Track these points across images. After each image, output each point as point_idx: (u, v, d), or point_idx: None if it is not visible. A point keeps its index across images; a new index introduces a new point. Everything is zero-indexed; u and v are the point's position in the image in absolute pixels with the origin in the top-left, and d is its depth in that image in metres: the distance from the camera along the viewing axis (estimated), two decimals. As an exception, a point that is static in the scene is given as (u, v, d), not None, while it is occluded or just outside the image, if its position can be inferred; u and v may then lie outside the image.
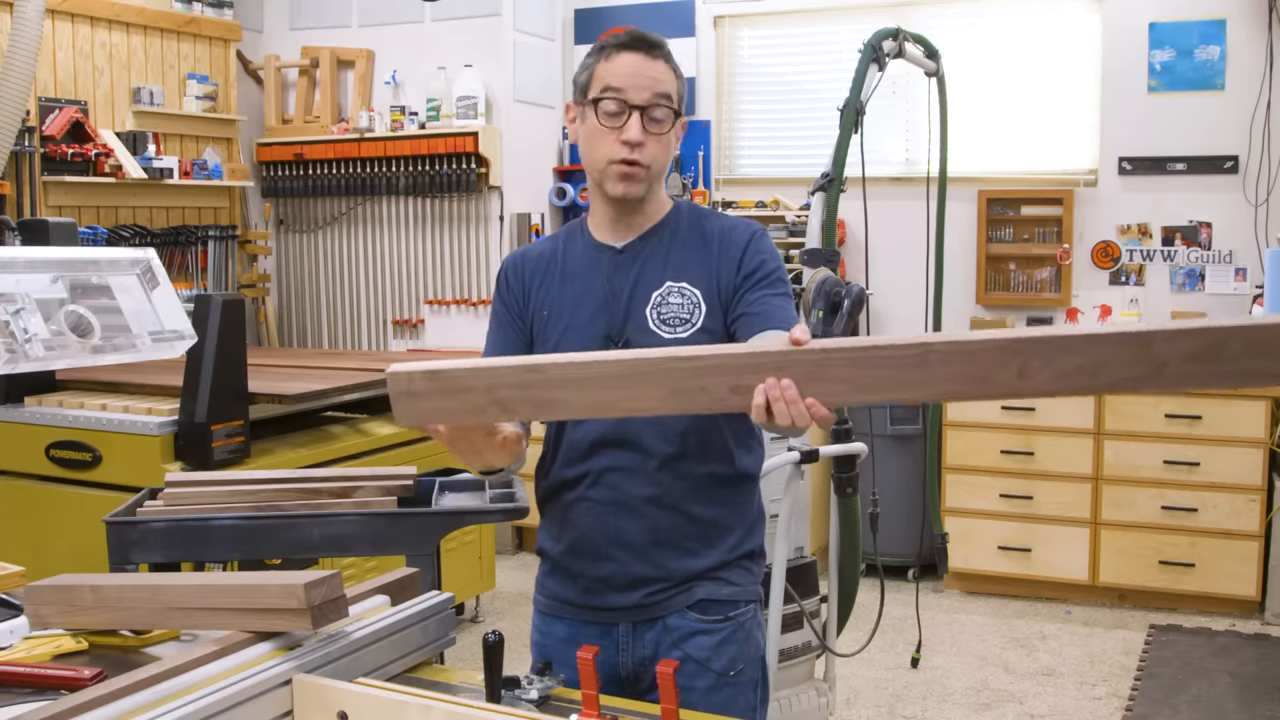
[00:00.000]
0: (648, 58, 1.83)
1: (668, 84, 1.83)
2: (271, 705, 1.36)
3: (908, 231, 4.60)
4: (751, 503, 1.93)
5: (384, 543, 2.60)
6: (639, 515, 1.82)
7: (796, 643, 3.28)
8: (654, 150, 1.82)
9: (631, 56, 1.83)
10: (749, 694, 1.88)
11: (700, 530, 1.84)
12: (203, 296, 3.49)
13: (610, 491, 1.83)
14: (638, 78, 1.81)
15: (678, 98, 1.85)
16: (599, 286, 1.87)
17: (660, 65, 1.84)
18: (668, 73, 1.84)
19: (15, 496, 3.73)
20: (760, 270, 1.84)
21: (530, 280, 1.92)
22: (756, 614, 1.92)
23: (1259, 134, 5.07)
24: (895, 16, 5.12)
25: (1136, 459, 4.76)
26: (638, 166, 1.81)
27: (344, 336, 6.00)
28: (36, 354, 2.50)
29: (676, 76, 1.86)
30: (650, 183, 1.85)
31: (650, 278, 1.85)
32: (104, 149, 4.91)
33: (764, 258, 1.85)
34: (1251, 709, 3.83)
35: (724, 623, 1.85)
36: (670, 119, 1.83)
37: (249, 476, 2.77)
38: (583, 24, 6.09)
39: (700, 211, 1.94)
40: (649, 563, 1.83)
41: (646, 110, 1.80)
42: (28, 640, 1.66)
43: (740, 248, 1.85)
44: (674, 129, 1.85)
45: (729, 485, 1.87)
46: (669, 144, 1.85)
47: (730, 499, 1.88)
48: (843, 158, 3.23)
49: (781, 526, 3.14)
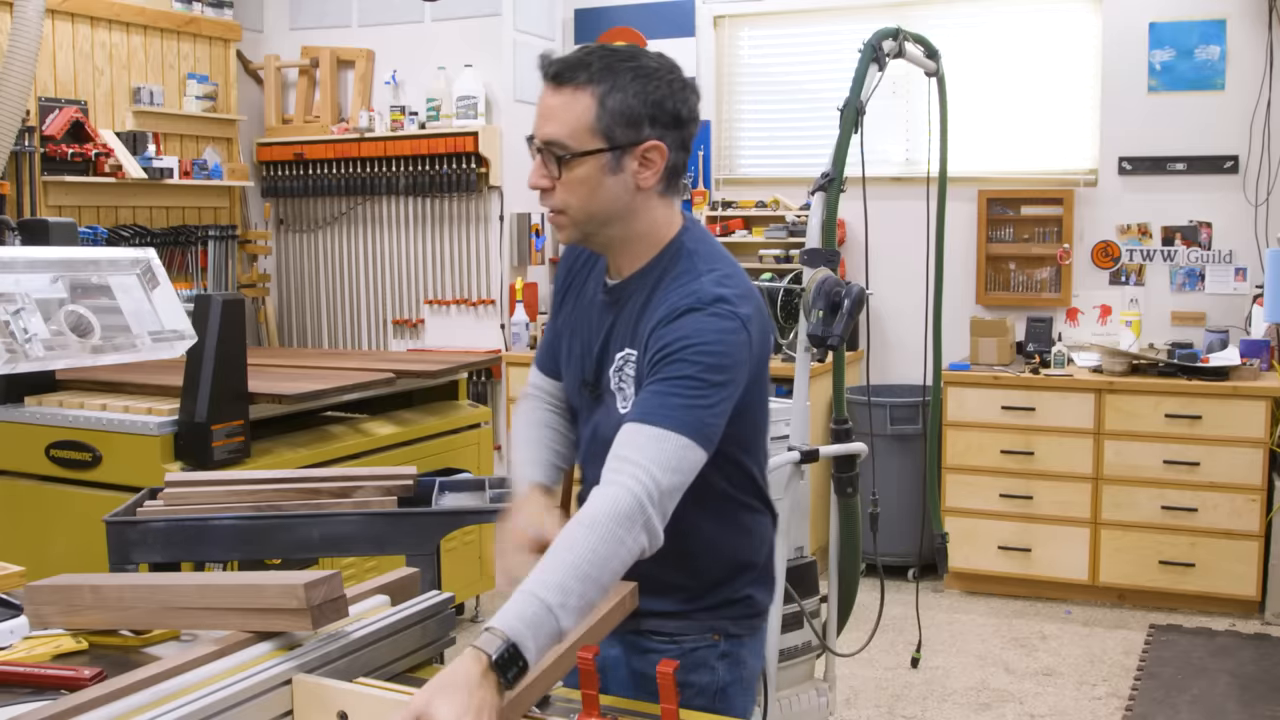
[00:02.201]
0: (552, 89, 1.59)
1: (561, 122, 1.57)
2: (271, 705, 1.36)
3: (908, 231, 4.60)
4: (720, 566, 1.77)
5: (384, 543, 2.60)
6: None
7: (796, 643, 3.28)
8: (563, 195, 1.60)
9: (544, 89, 1.61)
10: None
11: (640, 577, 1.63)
12: (203, 296, 3.49)
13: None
14: (539, 115, 1.60)
15: (593, 131, 1.57)
16: (588, 324, 1.75)
17: (564, 96, 1.58)
18: (577, 104, 1.57)
19: (15, 496, 3.73)
20: (667, 350, 1.57)
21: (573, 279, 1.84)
22: (719, 645, 1.78)
23: (1259, 134, 5.07)
24: (895, 16, 5.11)
25: (1136, 459, 4.76)
26: (555, 214, 1.64)
27: (344, 336, 6.00)
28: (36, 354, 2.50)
29: (600, 102, 1.57)
30: (581, 228, 1.64)
31: (621, 334, 1.69)
32: (104, 149, 4.91)
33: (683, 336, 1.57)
34: (1251, 709, 3.83)
35: (672, 646, 1.76)
36: (567, 162, 1.57)
37: (249, 476, 2.77)
38: (583, 24, 6.09)
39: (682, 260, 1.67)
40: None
41: (545, 151, 1.60)
42: (28, 640, 1.66)
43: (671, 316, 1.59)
44: (601, 167, 1.58)
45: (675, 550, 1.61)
46: (584, 187, 1.59)
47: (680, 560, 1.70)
48: (843, 158, 3.23)
49: (781, 527, 3.14)
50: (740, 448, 1.73)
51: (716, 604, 1.79)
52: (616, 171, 1.60)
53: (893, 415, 5.14)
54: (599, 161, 1.58)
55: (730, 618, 1.80)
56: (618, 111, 1.57)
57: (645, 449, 1.51)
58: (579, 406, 1.81)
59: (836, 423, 3.33)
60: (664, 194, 1.68)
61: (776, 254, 5.63)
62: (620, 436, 1.55)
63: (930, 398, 3.90)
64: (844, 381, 3.43)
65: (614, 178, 1.60)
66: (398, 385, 4.21)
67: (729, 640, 1.80)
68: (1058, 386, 4.86)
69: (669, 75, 1.63)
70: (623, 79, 1.58)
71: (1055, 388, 4.86)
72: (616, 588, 1.60)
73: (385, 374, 4.11)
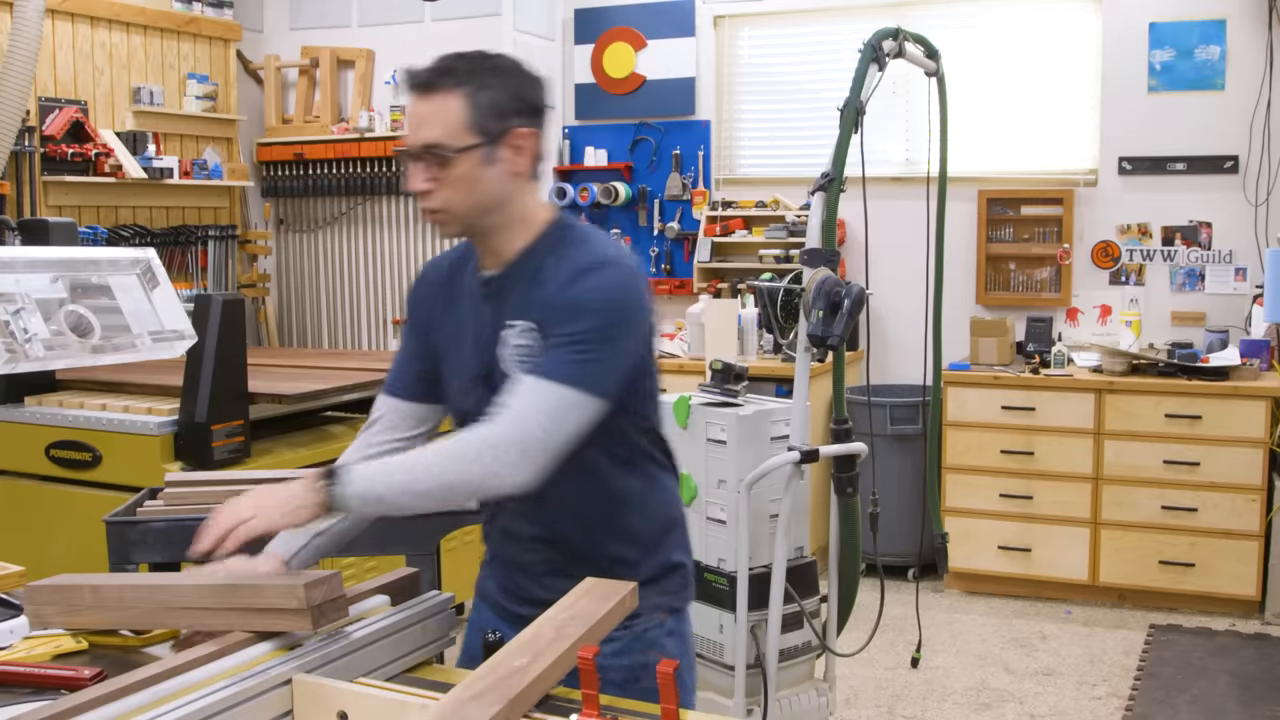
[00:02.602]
0: (418, 98, 1.70)
1: (438, 126, 1.67)
2: (271, 705, 1.36)
3: (908, 231, 4.60)
4: (649, 524, 1.86)
5: (384, 543, 2.60)
6: (530, 549, 1.86)
7: (796, 643, 3.28)
8: (444, 194, 1.70)
9: (411, 100, 1.71)
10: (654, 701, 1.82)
11: (587, 563, 1.79)
12: (203, 296, 3.49)
13: (505, 522, 1.88)
14: (411, 125, 1.71)
15: (467, 127, 1.67)
16: (471, 320, 1.82)
17: (431, 102, 1.68)
18: (446, 106, 1.67)
19: (15, 496, 3.73)
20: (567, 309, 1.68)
21: (433, 298, 1.89)
22: (666, 622, 1.86)
23: (1259, 134, 5.07)
24: (895, 16, 5.11)
25: (1136, 459, 4.76)
26: (435, 213, 1.73)
27: (344, 336, 6.00)
28: (36, 354, 2.50)
29: (468, 99, 1.67)
30: (462, 222, 1.74)
31: (505, 314, 1.76)
32: (104, 149, 4.91)
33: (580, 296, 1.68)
34: (1251, 709, 3.83)
35: (623, 632, 1.80)
36: (446, 162, 1.68)
37: (249, 476, 2.77)
38: (582, 24, 6.09)
39: (568, 236, 1.78)
40: (547, 588, 1.82)
41: (419, 159, 1.70)
42: (28, 640, 1.66)
43: (568, 281, 1.70)
44: (478, 161, 1.69)
45: (607, 514, 1.81)
46: (464, 182, 1.69)
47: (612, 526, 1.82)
48: (843, 158, 3.23)
49: (781, 526, 3.14)
50: (642, 399, 1.81)
51: (656, 573, 1.85)
52: (492, 162, 1.71)
53: (893, 415, 5.14)
54: (475, 156, 1.69)
55: (671, 590, 1.88)
56: (487, 107, 1.69)
57: (524, 396, 1.64)
58: (470, 409, 1.80)
59: (836, 423, 3.33)
60: (531, 179, 1.79)
61: (776, 254, 5.63)
62: (513, 389, 1.66)
63: (930, 398, 3.90)
64: (844, 381, 3.43)
65: (490, 169, 1.71)
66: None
67: (675, 616, 1.88)
68: (1058, 386, 4.86)
69: (522, 70, 1.75)
70: (486, 78, 1.70)
71: (1055, 388, 4.87)
72: (615, 588, 1.60)
73: (385, 374, 4.10)
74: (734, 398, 3.33)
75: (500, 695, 1.30)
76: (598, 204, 5.99)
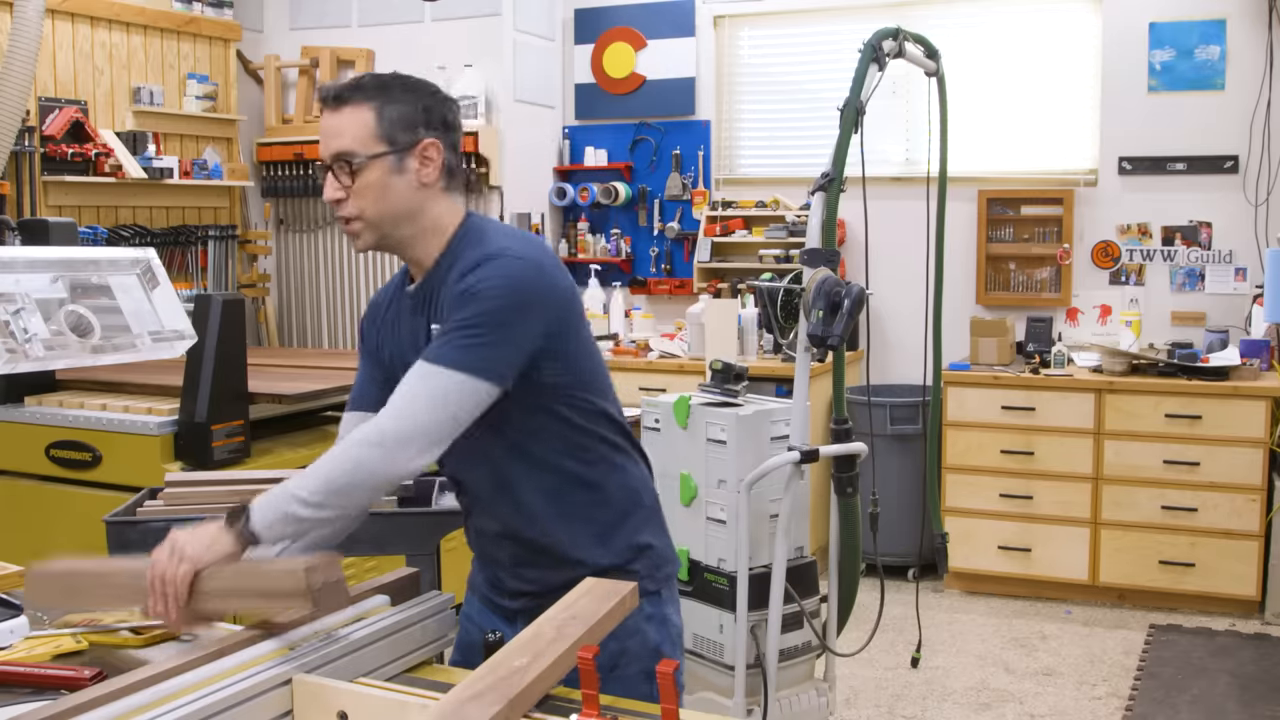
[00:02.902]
0: (330, 112, 1.78)
1: (347, 136, 1.75)
2: (271, 705, 1.36)
3: (908, 231, 4.60)
4: (605, 509, 1.89)
5: (384, 543, 2.60)
6: (497, 544, 1.91)
7: (796, 643, 3.28)
8: (358, 202, 1.76)
9: (324, 115, 1.79)
10: (639, 686, 1.81)
11: (549, 554, 1.85)
12: (203, 296, 3.49)
13: (474, 520, 1.94)
14: (324, 136, 1.78)
15: (376, 137, 1.75)
16: (407, 333, 1.87)
17: (340, 116, 1.76)
18: (355, 118, 1.75)
19: (15, 496, 3.73)
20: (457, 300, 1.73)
21: (380, 329, 1.94)
22: (643, 607, 1.86)
23: (1259, 134, 5.07)
24: (895, 16, 5.11)
25: (1136, 459, 4.76)
26: (349, 222, 1.78)
27: (344, 336, 6.00)
28: (36, 354, 2.50)
29: (376, 113, 1.75)
30: (375, 230, 1.79)
31: (430, 320, 1.82)
32: (104, 149, 4.91)
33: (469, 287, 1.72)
34: (1251, 709, 3.83)
35: None
36: (359, 169, 1.74)
37: (249, 476, 2.78)
38: (583, 24, 6.09)
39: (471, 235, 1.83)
40: (520, 579, 1.90)
41: (331, 169, 1.76)
42: (28, 640, 1.66)
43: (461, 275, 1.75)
44: (389, 168, 1.75)
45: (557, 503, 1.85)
46: (376, 189, 1.76)
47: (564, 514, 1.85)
48: (843, 158, 3.23)
49: (781, 526, 3.14)
50: (582, 385, 1.84)
51: (623, 558, 1.88)
52: (401, 172, 1.77)
53: (893, 415, 5.14)
54: (384, 164, 1.75)
55: (644, 573, 1.89)
56: (395, 119, 1.76)
57: (409, 383, 1.69)
58: None
59: (836, 423, 3.33)
60: (446, 189, 1.84)
61: (776, 254, 5.63)
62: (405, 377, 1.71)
63: (930, 398, 3.90)
64: (844, 381, 3.43)
65: (400, 178, 1.77)
66: (398, 385, 4.20)
67: (650, 599, 1.90)
68: (1058, 386, 4.86)
69: (432, 88, 1.84)
70: (394, 92, 1.78)
71: (1055, 388, 4.87)
72: (616, 588, 1.60)
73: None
74: (734, 398, 3.33)
75: (500, 695, 1.30)
76: (598, 204, 5.99)
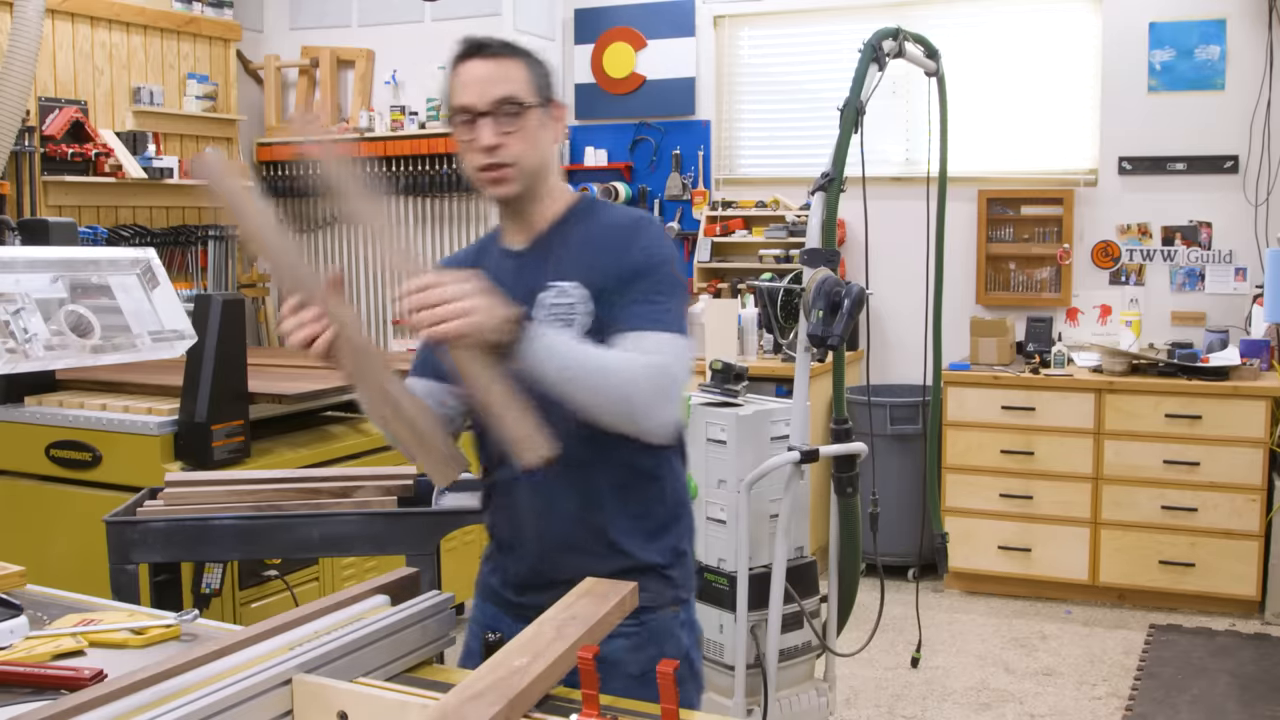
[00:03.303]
0: (485, 60, 1.81)
1: (511, 82, 1.80)
2: (271, 705, 1.36)
3: (908, 231, 4.60)
4: (660, 505, 1.90)
5: (384, 543, 2.60)
6: (550, 521, 1.88)
7: (796, 643, 3.29)
8: (516, 147, 1.80)
9: (471, 64, 1.82)
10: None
11: (601, 539, 1.85)
12: (203, 296, 3.49)
13: (521, 496, 1.89)
14: (479, 85, 1.79)
15: (531, 89, 1.81)
16: (503, 295, 1.85)
17: (499, 64, 1.81)
18: (512, 69, 1.81)
19: (15, 496, 3.73)
20: (634, 269, 1.79)
21: None
22: (679, 614, 1.91)
23: (1259, 134, 5.07)
24: (895, 16, 5.11)
25: (1136, 459, 4.76)
26: (502, 167, 1.80)
27: (344, 336, 6.00)
28: (36, 354, 2.50)
29: (528, 68, 1.82)
30: (526, 179, 1.83)
31: (539, 280, 1.84)
32: (104, 149, 4.91)
33: (642, 256, 1.80)
34: (1251, 709, 3.83)
35: (638, 627, 1.84)
36: (521, 114, 1.79)
37: (249, 476, 2.77)
38: (583, 24, 6.09)
39: (597, 205, 1.92)
40: (562, 567, 1.85)
41: (494, 113, 1.78)
42: (28, 640, 1.66)
43: (622, 243, 1.81)
44: (540, 120, 1.82)
45: (630, 491, 1.86)
46: (534, 137, 1.81)
47: (633, 505, 1.87)
48: (843, 157, 3.23)
49: (781, 526, 3.14)
50: None
51: (667, 560, 1.88)
52: (547, 126, 1.84)
53: (893, 415, 5.14)
54: (539, 115, 1.82)
55: (680, 581, 1.91)
56: (539, 75, 1.83)
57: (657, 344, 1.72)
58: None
59: (836, 423, 3.33)
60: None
61: (776, 254, 5.64)
62: (628, 341, 1.73)
63: (930, 398, 3.90)
64: (844, 381, 3.43)
65: (546, 132, 1.84)
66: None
67: (684, 607, 1.92)
68: (1058, 386, 4.86)
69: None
70: (532, 54, 1.85)
71: (1055, 388, 4.87)
72: (615, 588, 1.60)
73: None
74: (734, 398, 3.33)
75: (500, 695, 1.30)
76: (598, 204, 5.99)
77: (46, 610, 1.79)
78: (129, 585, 2.49)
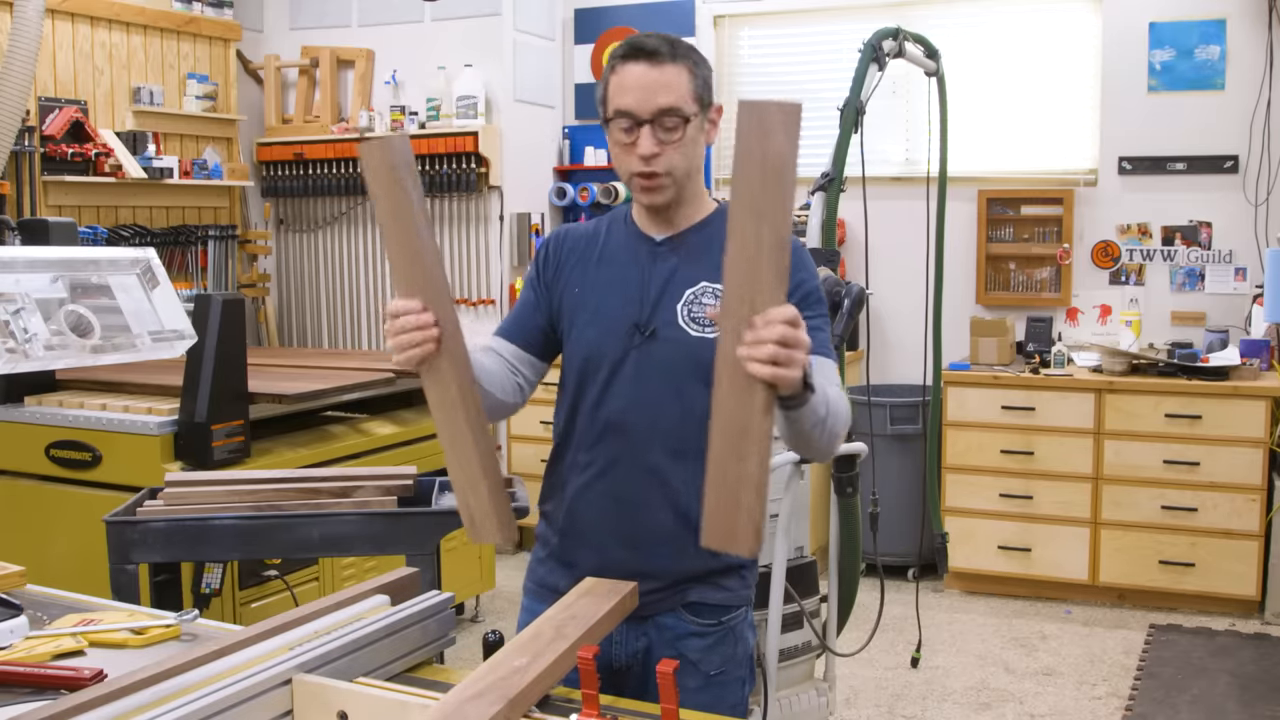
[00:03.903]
0: (650, 66, 1.79)
1: (674, 91, 1.79)
2: (271, 705, 1.36)
3: (908, 231, 4.60)
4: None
5: (384, 543, 2.60)
6: (638, 510, 1.85)
7: (796, 642, 3.28)
8: (671, 158, 1.80)
9: (635, 68, 1.80)
10: (735, 691, 1.92)
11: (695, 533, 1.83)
12: (203, 296, 3.49)
13: (614, 484, 1.86)
14: (642, 91, 1.79)
15: (693, 98, 1.81)
16: (634, 275, 1.88)
17: (664, 72, 1.79)
18: (675, 76, 1.79)
19: (15, 496, 3.73)
20: (799, 291, 1.79)
21: (568, 257, 1.95)
22: (747, 615, 1.96)
23: (1259, 134, 5.07)
24: (895, 16, 5.11)
25: (1136, 459, 4.76)
26: (657, 177, 1.81)
27: (344, 336, 6.00)
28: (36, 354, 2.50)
29: (691, 74, 1.81)
30: (678, 187, 1.84)
31: (687, 273, 1.85)
32: (104, 149, 4.91)
33: (802, 276, 1.82)
34: (1251, 709, 3.83)
35: (716, 627, 1.89)
36: (681, 126, 1.79)
37: (249, 476, 2.77)
38: (583, 24, 6.09)
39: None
40: (643, 559, 1.84)
41: (655, 122, 1.79)
42: (28, 640, 1.66)
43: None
44: (699, 127, 1.82)
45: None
46: (689, 147, 1.82)
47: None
48: (843, 157, 3.24)
49: (781, 526, 3.14)
50: None
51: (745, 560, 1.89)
52: (703, 131, 1.85)
53: (893, 415, 5.14)
54: (699, 123, 1.83)
55: (751, 582, 1.95)
56: (703, 80, 1.83)
57: (835, 375, 1.81)
58: (608, 353, 1.87)
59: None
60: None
61: (776, 254, 5.63)
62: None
63: (930, 398, 3.90)
64: (844, 381, 3.43)
65: (700, 137, 1.85)
66: (397, 385, 4.21)
67: (750, 608, 1.96)
68: (1058, 386, 4.86)
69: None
70: (696, 55, 1.84)
71: (1055, 388, 4.87)
72: (615, 588, 1.60)
73: (385, 374, 4.11)
74: (734, 398, 3.32)
75: (500, 695, 1.30)
76: (597, 204, 5.99)
77: (46, 610, 1.79)
78: (129, 585, 2.49)
